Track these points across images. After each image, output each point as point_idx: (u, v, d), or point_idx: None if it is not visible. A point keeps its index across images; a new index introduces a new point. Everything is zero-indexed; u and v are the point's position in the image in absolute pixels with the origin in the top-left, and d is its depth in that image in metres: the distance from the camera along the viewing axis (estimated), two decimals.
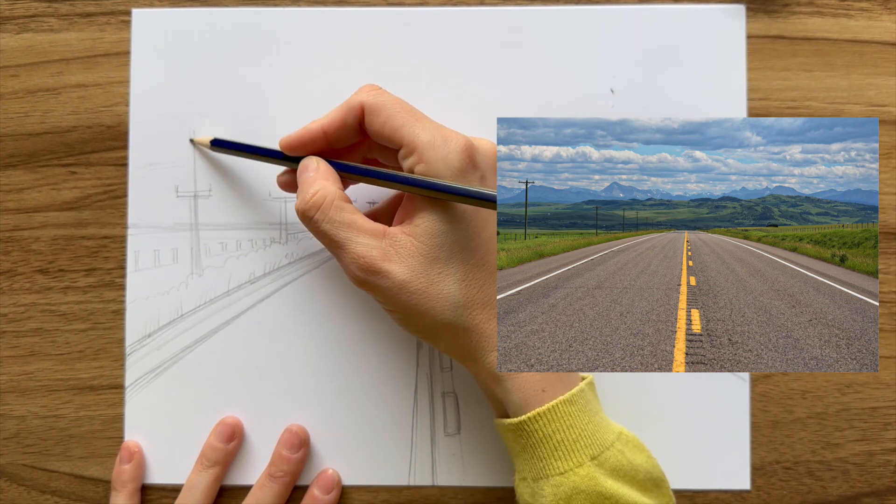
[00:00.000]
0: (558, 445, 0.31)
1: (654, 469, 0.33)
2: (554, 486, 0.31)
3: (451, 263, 0.31)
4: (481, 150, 0.32)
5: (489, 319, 0.32)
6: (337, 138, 0.33)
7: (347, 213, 0.31)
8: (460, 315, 0.31)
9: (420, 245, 0.31)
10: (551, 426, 0.31)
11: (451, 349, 0.33)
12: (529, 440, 0.32)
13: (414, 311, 0.31)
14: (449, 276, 0.31)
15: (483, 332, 0.32)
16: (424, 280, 0.31)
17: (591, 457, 0.31)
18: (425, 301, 0.31)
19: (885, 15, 0.39)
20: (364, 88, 0.33)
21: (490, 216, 0.32)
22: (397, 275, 0.31)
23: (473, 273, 0.32)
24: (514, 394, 0.32)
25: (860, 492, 0.38)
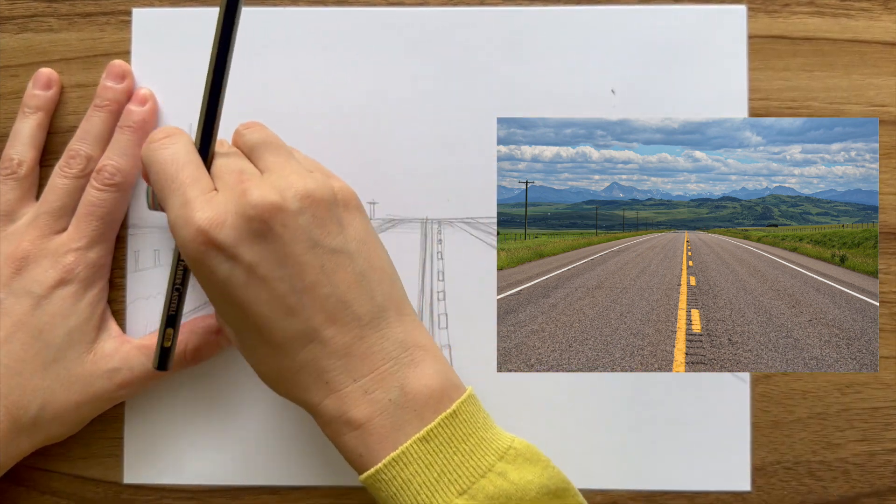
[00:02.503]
0: (420, 490, 0.28)
1: (553, 480, 0.30)
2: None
3: (242, 341, 0.31)
4: (231, 222, 0.29)
5: (293, 390, 0.30)
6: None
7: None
8: (272, 387, 0.32)
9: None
10: (407, 470, 0.28)
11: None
12: (389, 490, 0.29)
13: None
14: (246, 352, 0.31)
15: (297, 401, 0.31)
16: (239, 349, 0.32)
17: (458, 492, 0.28)
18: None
19: (885, 15, 0.39)
20: (153, 135, 0.32)
21: (248, 290, 0.29)
22: (231, 338, 0.33)
23: (259, 351, 0.30)
24: (361, 441, 0.29)
25: (861, 492, 0.38)
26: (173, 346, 0.34)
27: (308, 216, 0.29)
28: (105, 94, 0.38)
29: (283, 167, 0.31)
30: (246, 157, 0.33)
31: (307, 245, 0.29)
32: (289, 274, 0.29)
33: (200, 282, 0.30)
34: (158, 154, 0.31)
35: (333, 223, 0.30)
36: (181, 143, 0.32)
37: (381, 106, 0.39)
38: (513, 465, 0.30)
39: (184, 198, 0.30)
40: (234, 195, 0.29)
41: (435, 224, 0.39)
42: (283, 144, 0.33)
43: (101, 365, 0.36)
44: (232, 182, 0.30)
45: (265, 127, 0.34)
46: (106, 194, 0.36)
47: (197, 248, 0.29)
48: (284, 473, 0.39)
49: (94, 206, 0.36)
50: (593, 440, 0.38)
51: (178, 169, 0.30)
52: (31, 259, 0.36)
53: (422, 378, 0.30)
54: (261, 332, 0.30)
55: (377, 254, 0.32)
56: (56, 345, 0.35)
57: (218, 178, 0.31)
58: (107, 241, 0.37)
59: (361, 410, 0.29)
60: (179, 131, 0.33)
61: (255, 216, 0.29)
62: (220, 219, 0.29)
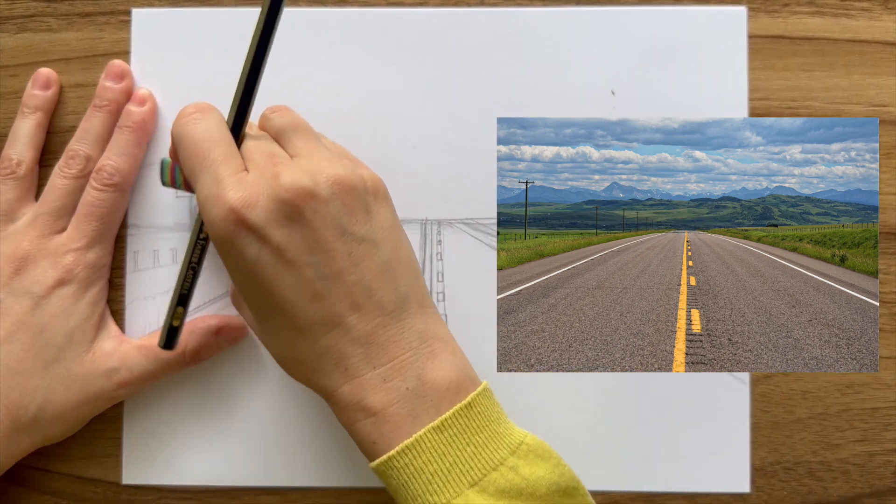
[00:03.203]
0: (431, 478, 0.28)
1: (563, 478, 0.30)
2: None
3: (264, 323, 0.31)
4: (263, 203, 0.29)
5: (312, 374, 0.31)
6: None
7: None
8: (289, 371, 0.32)
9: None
10: (420, 458, 0.29)
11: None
12: (400, 478, 0.29)
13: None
14: (266, 334, 0.32)
15: (314, 386, 0.31)
16: (257, 331, 0.33)
17: (469, 483, 0.28)
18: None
19: (885, 15, 0.39)
20: (185, 110, 0.32)
21: (275, 273, 0.29)
22: (248, 320, 0.35)
23: (281, 334, 0.30)
24: (376, 428, 0.29)
25: (861, 492, 0.38)
26: (181, 325, 0.34)
27: (338, 203, 0.30)
28: (104, 94, 0.38)
29: (313, 152, 0.31)
30: (275, 141, 0.33)
31: (336, 232, 0.29)
32: (317, 260, 0.29)
33: (226, 262, 0.30)
34: (190, 129, 0.31)
35: (362, 211, 0.30)
36: (213, 120, 0.31)
37: (380, 106, 0.39)
38: (524, 461, 0.30)
39: (216, 175, 0.29)
40: (266, 177, 0.29)
41: (435, 225, 0.39)
42: (310, 129, 0.33)
43: (101, 365, 0.36)
44: (263, 164, 0.30)
45: (292, 110, 0.34)
46: (105, 194, 0.36)
47: (227, 228, 0.29)
48: (284, 474, 0.39)
49: (94, 206, 0.36)
50: (593, 440, 0.38)
51: (211, 146, 0.30)
52: (31, 259, 0.36)
53: (439, 369, 0.30)
54: (284, 316, 0.30)
55: (402, 245, 0.32)
56: (56, 345, 0.35)
57: (248, 160, 0.31)
58: (106, 242, 0.37)
59: (378, 398, 0.29)
60: (211, 107, 0.32)
61: (287, 199, 0.29)
62: (252, 199, 0.29)
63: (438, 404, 0.29)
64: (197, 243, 0.33)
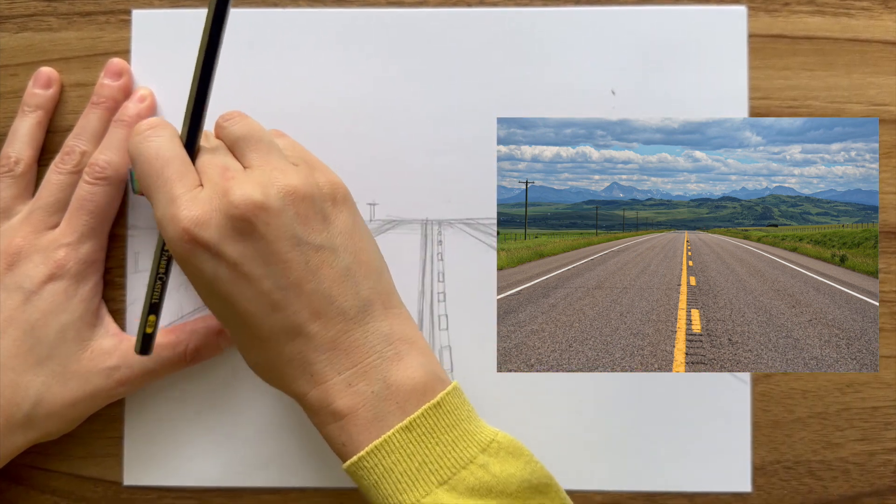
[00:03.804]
0: (401, 478, 0.29)
1: (535, 475, 0.30)
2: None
3: (234, 334, 0.32)
4: (216, 220, 0.29)
5: (281, 381, 0.31)
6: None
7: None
8: (262, 378, 0.32)
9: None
10: (389, 458, 0.29)
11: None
12: (371, 478, 0.29)
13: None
14: (238, 344, 0.32)
15: (285, 392, 0.31)
16: (233, 341, 0.34)
17: (439, 482, 0.28)
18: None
19: (885, 14, 0.39)
20: (138, 128, 0.32)
21: (233, 287, 0.29)
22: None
23: (248, 344, 0.31)
24: (344, 431, 0.30)
25: (861, 491, 0.38)
26: (155, 331, 0.35)
27: (291, 213, 0.30)
28: (102, 91, 0.38)
29: (265, 162, 0.31)
30: (230, 152, 0.33)
31: (291, 242, 0.29)
32: (273, 271, 0.29)
33: (189, 277, 0.31)
34: (143, 147, 0.31)
35: (318, 219, 0.30)
36: (166, 137, 0.31)
37: (380, 106, 0.39)
38: (495, 458, 0.30)
39: (169, 195, 0.30)
40: (217, 193, 0.29)
41: (435, 225, 0.39)
42: (264, 135, 0.33)
43: (99, 362, 0.36)
44: (216, 178, 0.30)
45: (246, 116, 0.33)
46: (96, 188, 0.36)
47: (182, 247, 0.29)
48: (284, 474, 0.39)
49: (85, 199, 0.36)
50: (593, 440, 0.38)
51: (164, 164, 0.30)
52: (24, 254, 0.36)
53: (405, 371, 0.30)
54: (248, 327, 0.30)
55: (363, 247, 0.32)
56: (48, 341, 0.35)
57: (203, 174, 0.31)
58: (98, 237, 0.37)
59: (345, 402, 0.30)
60: (164, 123, 0.32)
61: (238, 215, 0.29)
62: (204, 217, 0.29)
63: (404, 406, 0.30)
64: (162, 254, 0.33)
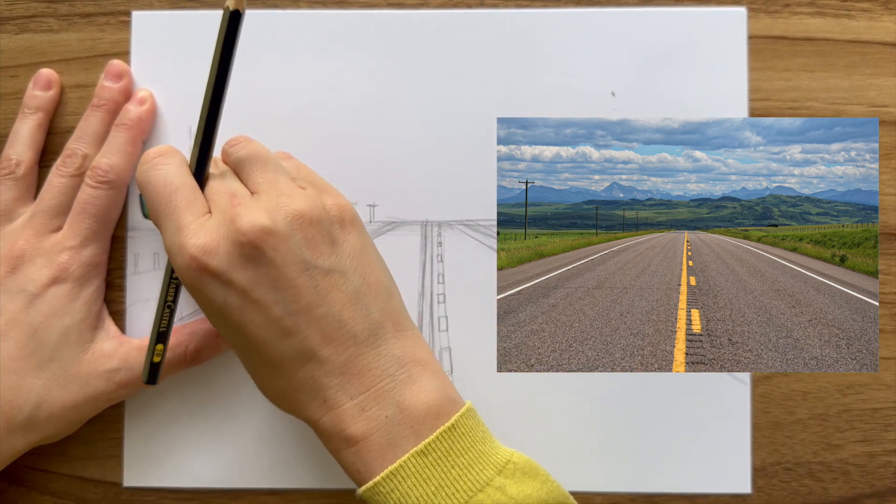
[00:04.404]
0: (417, 503, 0.28)
1: (552, 494, 0.30)
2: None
3: (243, 360, 0.31)
4: (224, 248, 0.29)
5: (293, 407, 0.31)
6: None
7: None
8: (274, 404, 0.32)
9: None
10: (405, 484, 0.28)
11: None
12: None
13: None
14: (248, 370, 0.32)
15: (298, 417, 0.31)
16: (243, 364, 0.33)
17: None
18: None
19: (886, 15, 0.39)
20: (146, 156, 0.32)
21: (244, 314, 0.29)
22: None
23: (258, 370, 0.31)
24: (359, 457, 0.29)
25: (861, 493, 0.38)
26: (162, 360, 0.35)
27: (299, 237, 0.29)
28: (102, 93, 0.38)
29: (272, 186, 0.31)
30: (237, 176, 0.33)
31: (300, 267, 0.29)
32: (283, 297, 0.29)
33: (199, 305, 0.30)
34: (151, 175, 0.31)
35: (326, 242, 0.30)
36: (174, 164, 0.31)
37: (380, 108, 0.39)
38: (511, 480, 0.29)
39: (177, 223, 0.30)
40: (225, 220, 0.29)
41: (435, 226, 0.39)
42: (270, 159, 0.32)
43: (100, 365, 0.36)
44: (224, 205, 0.30)
45: (251, 141, 0.33)
46: (99, 192, 0.36)
47: (191, 275, 0.29)
48: (285, 475, 0.39)
49: (88, 203, 0.36)
50: (593, 441, 0.38)
51: (172, 192, 0.30)
52: (27, 258, 0.36)
53: (419, 394, 0.30)
54: (259, 353, 0.30)
55: (372, 269, 0.31)
56: (51, 344, 0.35)
57: (211, 201, 0.31)
58: (101, 240, 0.37)
59: (358, 427, 0.29)
60: (172, 150, 0.32)
61: (245, 242, 0.29)
62: (212, 245, 0.29)
63: (418, 430, 0.29)
64: (171, 283, 0.33)
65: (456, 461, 0.29)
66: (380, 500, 0.29)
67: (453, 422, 0.30)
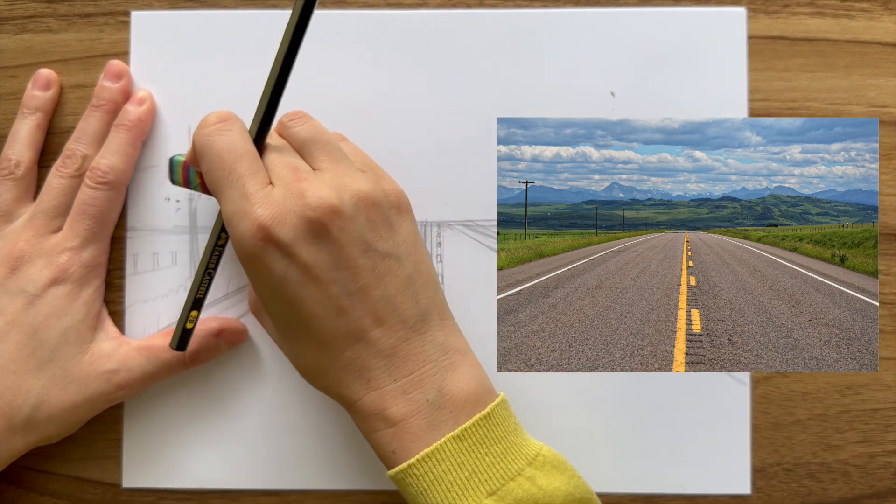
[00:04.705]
0: (451, 486, 0.29)
1: (578, 489, 0.31)
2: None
3: (286, 335, 0.32)
4: (291, 221, 0.29)
5: (334, 386, 0.31)
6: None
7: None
8: (309, 381, 0.32)
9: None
10: (440, 467, 0.29)
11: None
12: (420, 486, 0.29)
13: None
14: (288, 345, 0.32)
15: (336, 396, 0.31)
16: (277, 340, 0.34)
17: (488, 493, 0.29)
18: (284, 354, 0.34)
19: (885, 15, 0.39)
20: (207, 119, 0.31)
21: (301, 289, 0.29)
22: (267, 328, 0.35)
23: (303, 346, 0.31)
24: (396, 438, 0.30)
25: (861, 494, 0.38)
26: (194, 328, 0.35)
27: (363, 219, 0.30)
28: (102, 93, 0.38)
29: (336, 166, 0.31)
30: (296, 152, 0.32)
31: (362, 248, 0.30)
32: (343, 276, 0.29)
33: (252, 276, 0.30)
34: (214, 140, 0.31)
35: (385, 226, 0.31)
36: (237, 131, 0.31)
37: (380, 107, 0.39)
38: (541, 472, 0.30)
39: (242, 191, 0.29)
40: (292, 194, 0.29)
41: (435, 227, 0.39)
42: (332, 139, 0.32)
43: (99, 366, 0.36)
44: (288, 179, 0.30)
45: (311, 118, 0.33)
46: (98, 192, 0.36)
47: (255, 244, 0.29)
48: (283, 476, 0.38)
49: (87, 204, 0.36)
50: (593, 441, 0.38)
51: (237, 159, 0.30)
52: (27, 258, 0.36)
53: (459, 381, 0.31)
54: (309, 330, 0.30)
55: (423, 258, 0.32)
56: (51, 344, 0.35)
57: (272, 173, 0.31)
58: (101, 241, 0.37)
59: (399, 409, 0.30)
60: (234, 117, 0.32)
61: (314, 218, 0.29)
62: (280, 217, 0.29)
63: (457, 416, 0.30)
64: (215, 249, 0.33)
65: (490, 449, 0.30)
66: (412, 481, 0.29)
67: (489, 410, 0.30)
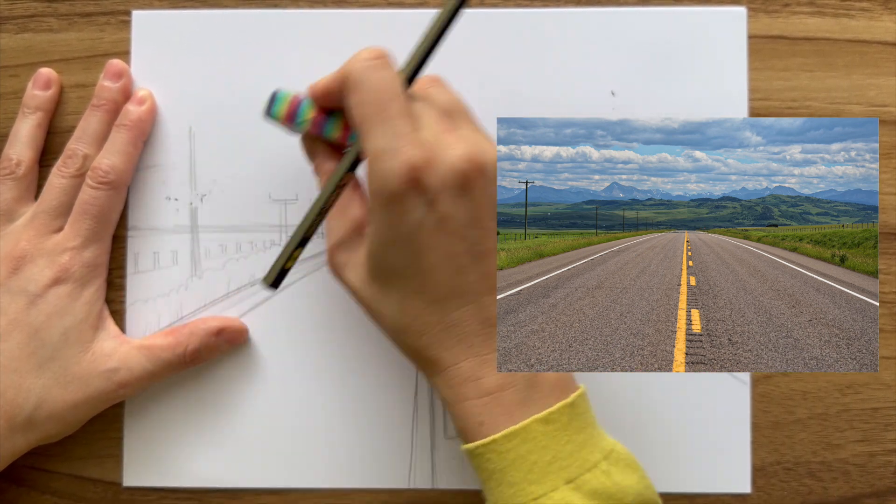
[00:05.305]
0: (532, 468, 0.29)
1: (647, 491, 0.31)
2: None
3: (390, 287, 0.31)
4: (441, 169, 0.29)
5: (432, 346, 0.31)
6: (328, 104, 0.33)
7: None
8: (401, 339, 0.32)
9: (366, 261, 0.31)
10: (525, 447, 0.29)
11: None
12: (500, 462, 0.29)
13: (369, 317, 0.32)
14: (387, 299, 0.31)
15: (429, 358, 0.31)
16: (368, 295, 0.32)
17: (566, 480, 0.29)
18: (372, 315, 0.32)
19: (885, 15, 0.39)
20: (363, 54, 0.30)
21: (432, 238, 0.29)
22: (351, 282, 0.32)
23: (409, 301, 0.30)
24: (487, 409, 0.30)
25: (861, 493, 0.38)
26: (291, 268, 0.33)
27: (495, 187, 0.30)
28: (102, 93, 0.38)
29: (476, 133, 0.31)
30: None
31: (493, 213, 0.30)
32: (474, 235, 0.30)
33: (384, 217, 0.29)
34: (372, 74, 0.30)
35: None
36: (392, 70, 0.31)
37: None
38: (616, 467, 0.30)
39: (395, 130, 0.29)
40: (442, 144, 0.29)
41: None
42: (467, 111, 0.33)
43: (99, 365, 0.36)
44: (436, 129, 0.30)
45: (446, 84, 0.33)
46: (100, 192, 0.36)
47: (401, 184, 0.28)
48: (284, 475, 0.39)
49: (88, 204, 0.36)
50: None
51: (391, 98, 0.29)
52: (28, 258, 0.36)
53: None
54: (424, 284, 0.30)
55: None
56: (52, 344, 0.35)
57: (419, 120, 0.30)
58: (102, 241, 0.37)
59: (496, 379, 0.30)
60: (389, 55, 0.31)
61: (463, 171, 0.29)
62: (431, 161, 0.29)
63: (546, 398, 0.30)
64: (336, 189, 0.32)
65: (572, 437, 0.30)
66: (492, 457, 0.29)
67: (573, 399, 0.30)
